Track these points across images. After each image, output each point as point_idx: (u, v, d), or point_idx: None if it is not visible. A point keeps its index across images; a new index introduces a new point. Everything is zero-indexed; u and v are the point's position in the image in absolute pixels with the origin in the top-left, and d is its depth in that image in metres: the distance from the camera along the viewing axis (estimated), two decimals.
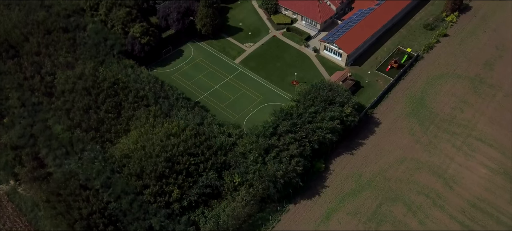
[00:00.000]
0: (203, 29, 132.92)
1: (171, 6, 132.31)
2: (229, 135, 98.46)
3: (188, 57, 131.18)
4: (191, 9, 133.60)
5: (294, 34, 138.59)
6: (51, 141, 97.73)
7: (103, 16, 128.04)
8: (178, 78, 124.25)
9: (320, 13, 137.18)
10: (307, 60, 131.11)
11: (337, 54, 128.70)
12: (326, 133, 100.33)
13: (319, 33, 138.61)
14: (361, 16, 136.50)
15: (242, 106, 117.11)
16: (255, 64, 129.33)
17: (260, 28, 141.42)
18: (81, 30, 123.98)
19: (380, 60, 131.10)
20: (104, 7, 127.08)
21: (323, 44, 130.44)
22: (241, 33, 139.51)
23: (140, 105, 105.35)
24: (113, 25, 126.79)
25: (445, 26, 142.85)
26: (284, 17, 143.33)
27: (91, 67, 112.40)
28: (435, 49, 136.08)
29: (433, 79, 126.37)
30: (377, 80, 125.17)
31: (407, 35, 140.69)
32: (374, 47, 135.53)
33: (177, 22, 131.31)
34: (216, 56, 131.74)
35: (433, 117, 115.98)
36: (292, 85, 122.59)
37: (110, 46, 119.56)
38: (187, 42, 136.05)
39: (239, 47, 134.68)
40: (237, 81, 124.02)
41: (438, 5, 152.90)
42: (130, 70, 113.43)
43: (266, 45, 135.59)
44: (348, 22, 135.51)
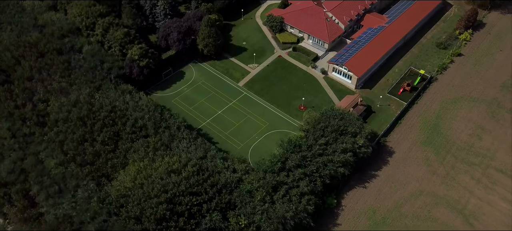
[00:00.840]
0: (205, 49, 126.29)
1: (172, 25, 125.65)
2: (234, 170, 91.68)
3: (189, 79, 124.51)
4: (192, 29, 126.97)
5: (300, 54, 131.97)
6: (43, 177, 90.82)
7: (99, 36, 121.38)
8: (179, 102, 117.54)
9: (328, 32, 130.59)
10: (314, 82, 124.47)
11: (347, 76, 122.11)
12: (338, 166, 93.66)
13: (326, 53, 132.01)
14: (371, 35, 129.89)
15: (247, 134, 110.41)
16: (260, 87, 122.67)
17: (265, 48, 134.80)
18: (76, 52, 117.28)
19: (391, 82, 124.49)
20: (101, 27, 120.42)
21: (332, 66, 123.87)
22: (245, 53, 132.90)
23: (138, 136, 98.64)
24: (111, 46, 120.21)
25: (459, 45, 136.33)
26: (290, 35, 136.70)
27: (86, 93, 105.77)
28: (449, 70, 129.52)
29: (448, 103, 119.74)
30: (389, 104, 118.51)
31: (419, 54, 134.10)
32: (385, 67, 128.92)
33: (177, 43, 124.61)
34: (219, 78, 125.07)
35: (449, 145, 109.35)
36: (299, 110, 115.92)
37: (107, 70, 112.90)
38: (189, 62, 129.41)
39: (243, 69, 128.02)
40: (241, 106, 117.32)
41: (451, 21, 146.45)
42: (128, 97, 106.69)
43: (271, 66, 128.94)
44: (357, 41, 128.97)
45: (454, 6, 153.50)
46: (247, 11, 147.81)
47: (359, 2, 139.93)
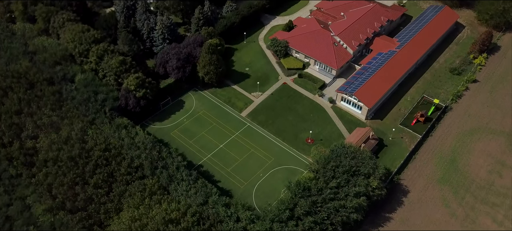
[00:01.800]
0: (206, 77, 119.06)
1: (170, 52, 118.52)
2: (238, 219, 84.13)
3: (189, 109, 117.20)
4: (192, 55, 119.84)
5: (306, 80, 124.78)
6: (29, 226, 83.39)
7: (93, 64, 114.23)
8: (178, 135, 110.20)
9: (336, 58, 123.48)
10: (322, 112, 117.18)
11: (356, 106, 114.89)
12: (351, 212, 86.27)
13: (334, 79, 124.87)
14: (382, 61, 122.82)
15: (250, 170, 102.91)
16: (264, 118, 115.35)
17: (269, 74, 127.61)
18: (68, 82, 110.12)
19: (404, 112, 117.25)
20: (95, 55, 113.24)
21: (340, 95, 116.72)
22: (248, 80, 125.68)
23: (134, 177, 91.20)
24: (105, 74, 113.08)
25: (473, 70, 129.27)
26: (295, 60, 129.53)
27: (79, 128, 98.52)
28: (464, 98, 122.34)
29: (465, 135, 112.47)
30: (402, 136, 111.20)
31: (432, 80, 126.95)
32: (396, 95, 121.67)
33: (177, 71, 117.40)
34: (220, 108, 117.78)
35: (468, 183, 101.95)
36: (306, 144, 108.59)
37: (101, 101, 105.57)
38: (189, 90, 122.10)
39: (246, 97, 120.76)
40: (244, 139, 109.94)
41: (464, 44, 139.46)
42: (124, 132, 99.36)
43: (276, 95, 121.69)
44: (367, 68, 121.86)
45: (466, 28, 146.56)
46: (249, 33, 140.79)
47: (368, 25, 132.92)
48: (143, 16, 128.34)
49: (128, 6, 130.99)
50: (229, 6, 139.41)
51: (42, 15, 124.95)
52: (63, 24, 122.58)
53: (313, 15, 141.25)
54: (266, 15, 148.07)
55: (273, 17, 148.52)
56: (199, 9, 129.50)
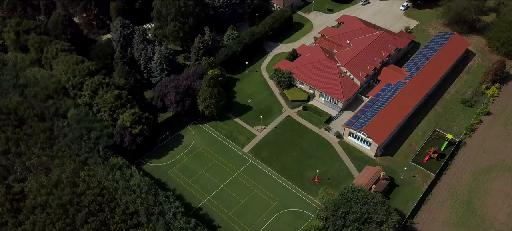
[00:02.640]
0: (207, 110, 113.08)
1: (169, 84, 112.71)
2: None
3: (188, 144, 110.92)
4: (192, 88, 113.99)
5: (311, 113, 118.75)
6: None
7: (87, 98, 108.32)
8: (176, 174, 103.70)
9: (343, 89, 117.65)
10: (329, 148, 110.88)
11: (365, 142, 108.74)
12: None
13: (341, 112, 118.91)
14: (391, 93, 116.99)
15: (253, 214, 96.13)
16: (268, 154, 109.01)
17: (272, 106, 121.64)
18: (60, 117, 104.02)
19: (415, 147, 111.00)
20: (89, 88, 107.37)
21: (348, 130, 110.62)
22: (251, 112, 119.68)
23: (129, 225, 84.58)
24: (100, 109, 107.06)
25: (486, 102, 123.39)
26: (300, 92, 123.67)
27: (70, 170, 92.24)
28: (477, 131, 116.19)
29: (481, 174, 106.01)
30: (414, 175, 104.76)
31: (443, 113, 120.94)
32: (406, 129, 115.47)
33: (175, 104, 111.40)
34: (221, 143, 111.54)
35: (486, 228, 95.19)
36: (313, 183, 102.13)
37: (95, 139, 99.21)
38: (188, 124, 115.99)
39: (249, 131, 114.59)
40: (247, 178, 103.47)
41: (475, 73, 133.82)
42: (118, 174, 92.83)
43: (279, 128, 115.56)
44: (375, 100, 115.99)
45: (477, 55, 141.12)
46: (251, 62, 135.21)
47: (376, 54, 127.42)
48: (140, 45, 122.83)
49: (125, 35, 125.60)
50: (230, 34, 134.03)
51: (35, 45, 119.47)
52: (56, 55, 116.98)
53: (318, 43, 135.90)
54: (268, 42, 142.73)
55: (276, 44, 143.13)
56: (199, 38, 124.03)
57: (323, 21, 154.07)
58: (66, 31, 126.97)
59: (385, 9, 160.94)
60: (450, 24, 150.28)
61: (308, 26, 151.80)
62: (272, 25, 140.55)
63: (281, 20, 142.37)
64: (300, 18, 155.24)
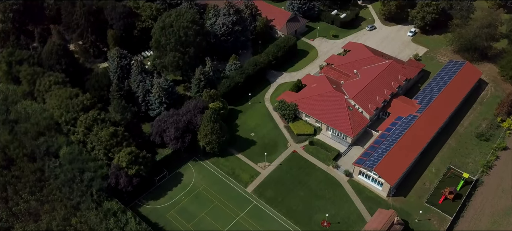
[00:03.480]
0: (208, 146, 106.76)
1: (168, 120, 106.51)
2: None
3: (188, 184, 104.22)
4: (192, 123, 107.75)
5: (319, 148, 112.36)
6: None
7: (81, 135, 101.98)
8: (175, 217, 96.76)
9: (351, 124, 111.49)
10: (338, 187, 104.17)
11: (377, 182, 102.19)
12: None
13: (350, 148, 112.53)
14: (402, 127, 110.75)
15: None
16: (273, 194, 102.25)
17: (277, 140, 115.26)
18: (52, 157, 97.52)
19: (429, 187, 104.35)
20: (83, 125, 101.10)
21: (358, 168, 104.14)
22: (254, 148, 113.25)
23: None
24: (94, 147, 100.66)
25: (503, 136, 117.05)
26: (305, 125, 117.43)
27: (61, 217, 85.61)
28: (495, 169, 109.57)
29: (501, 217, 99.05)
30: (429, 218, 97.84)
31: (457, 148, 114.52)
32: (419, 166, 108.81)
33: (175, 141, 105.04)
34: (223, 182, 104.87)
35: None
36: (322, 228, 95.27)
37: (88, 181, 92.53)
38: (188, 160, 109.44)
39: (252, 168, 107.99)
40: (251, 221, 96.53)
41: (489, 104, 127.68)
42: (112, 221, 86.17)
43: (285, 165, 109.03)
44: (386, 135, 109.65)
45: (490, 85, 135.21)
46: (254, 93, 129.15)
47: (385, 85, 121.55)
48: (138, 77, 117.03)
49: (122, 66, 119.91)
50: (232, 64, 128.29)
51: (27, 77, 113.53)
52: (49, 88, 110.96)
53: (324, 73, 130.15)
54: (272, 71, 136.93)
55: (280, 73, 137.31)
56: (200, 70, 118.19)
57: (328, 48, 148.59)
58: (61, 61, 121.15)
59: (392, 35, 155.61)
60: (460, 51, 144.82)
61: (313, 54, 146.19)
62: (276, 54, 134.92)
63: (285, 48, 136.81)
64: (304, 45, 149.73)
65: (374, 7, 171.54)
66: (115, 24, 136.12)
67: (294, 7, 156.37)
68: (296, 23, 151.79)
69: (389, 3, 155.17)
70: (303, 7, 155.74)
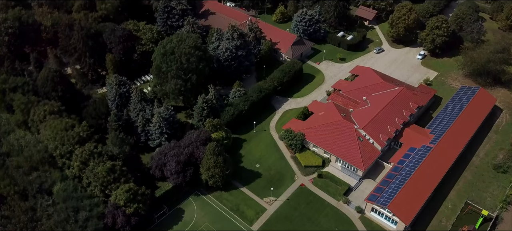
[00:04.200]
0: (211, 180, 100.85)
1: (169, 153, 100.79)
2: None
3: (189, 221, 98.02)
4: (194, 156, 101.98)
5: (328, 182, 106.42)
6: None
7: (76, 170, 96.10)
8: None
9: (362, 156, 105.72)
10: (349, 225, 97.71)
11: (391, 220, 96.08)
12: None
13: (361, 181, 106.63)
14: (416, 160, 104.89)
15: None
16: None
17: (283, 172, 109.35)
18: (45, 194, 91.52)
19: (446, 224, 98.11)
20: (78, 159, 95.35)
21: (370, 205, 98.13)
22: (259, 180, 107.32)
23: None
24: (90, 183, 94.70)
25: None
26: (313, 156, 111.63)
27: None
28: None
29: None
30: None
31: (474, 181, 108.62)
32: (434, 201, 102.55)
33: (176, 175, 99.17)
34: (227, 218, 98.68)
35: None
36: None
37: (83, 221, 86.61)
38: (189, 195, 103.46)
39: (258, 204, 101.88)
40: None
41: (504, 133, 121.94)
42: None
43: (292, 200, 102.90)
44: (399, 169, 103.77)
45: (504, 111, 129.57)
46: (259, 120, 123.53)
47: (396, 113, 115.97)
48: (138, 105, 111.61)
49: (121, 94, 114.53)
50: (236, 90, 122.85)
51: (21, 106, 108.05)
52: (44, 117, 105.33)
53: (331, 99, 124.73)
54: (277, 97, 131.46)
55: (285, 99, 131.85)
56: (202, 98, 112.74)
57: (335, 72, 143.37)
58: (57, 88, 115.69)
59: (401, 58, 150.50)
60: (472, 76, 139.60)
61: (319, 78, 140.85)
62: (281, 79, 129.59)
63: (290, 73, 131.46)
64: (310, 69, 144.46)
65: (381, 28, 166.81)
66: (114, 48, 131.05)
67: (300, 29, 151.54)
68: (302, 46, 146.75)
69: (398, 25, 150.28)
70: (308, 29, 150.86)
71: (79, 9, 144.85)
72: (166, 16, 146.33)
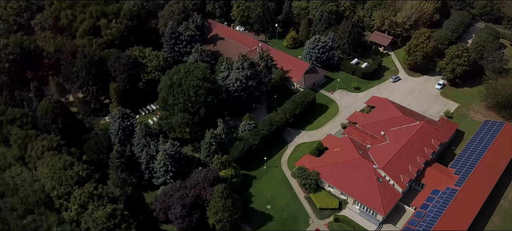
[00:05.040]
0: (218, 225, 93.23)
1: (174, 194, 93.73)
2: None
3: None
4: (201, 198, 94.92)
5: (345, 226, 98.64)
6: None
7: (74, 213, 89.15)
8: None
9: (383, 200, 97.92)
10: None
11: None
12: None
13: (380, 226, 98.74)
14: (441, 205, 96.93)
15: None
16: None
17: (297, 215, 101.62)
18: None
19: None
20: (76, 203, 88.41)
21: None
22: (271, 224, 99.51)
23: None
24: (88, 228, 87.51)
25: None
26: (329, 197, 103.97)
27: None
28: None
29: None
30: None
31: (503, 226, 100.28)
32: None
33: (181, 220, 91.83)
34: None
35: None
36: None
37: None
38: None
39: None
40: None
41: None
42: None
43: None
44: (422, 215, 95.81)
45: None
46: (270, 154, 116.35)
47: (418, 151, 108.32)
48: (142, 140, 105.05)
49: (124, 128, 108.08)
50: (246, 124, 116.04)
51: (18, 141, 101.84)
52: (42, 154, 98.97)
53: (347, 134, 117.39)
54: (289, 129, 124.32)
55: (297, 132, 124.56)
56: (211, 133, 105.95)
57: (350, 102, 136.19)
58: (57, 120, 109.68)
59: (419, 88, 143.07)
60: (495, 108, 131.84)
61: (333, 109, 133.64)
62: (293, 111, 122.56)
63: (303, 105, 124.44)
64: (323, 99, 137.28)
65: (396, 54, 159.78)
66: (119, 77, 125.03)
67: (312, 57, 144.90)
68: (315, 74, 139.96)
69: (415, 53, 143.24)
70: (321, 56, 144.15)
71: (83, 35, 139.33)
72: (173, 42, 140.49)
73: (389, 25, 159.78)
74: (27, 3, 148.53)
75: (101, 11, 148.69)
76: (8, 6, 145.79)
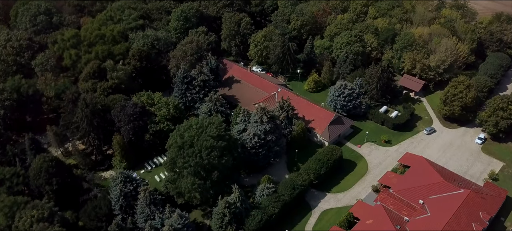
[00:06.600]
0: None
1: None
2: None
3: None
4: None
5: None
6: None
7: None
8: None
9: None
10: None
11: None
12: None
13: None
14: None
15: None
16: None
17: None
18: None
19: None
20: None
21: None
22: None
23: None
24: None
25: None
26: None
27: None
28: None
29: None
30: None
31: None
32: None
33: None
34: None
35: None
36: None
37: None
38: None
39: None
40: None
41: None
42: None
43: None
44: None
45: None
46: (292, 223, 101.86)
47: (464, 226, 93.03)
48: (146, 210, 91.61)
49: (126, 193, 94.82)
50: (265, 188, 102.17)
51: (4, 209, 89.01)
52: (30, 226, 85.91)
53: (380, 201, 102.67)
54: (312, 190, 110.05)
55: (323, 194, 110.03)
56: (224, 202, 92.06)
57: (380, 158, 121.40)
58: (51, 181, 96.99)
59: (457, 142, 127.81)
60: None
61: (362, 166, 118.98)
62: (318, 171, 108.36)
63: (329, 163, 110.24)
64: (350, 153, 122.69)
65: (429, 101, 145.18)
66: (123, 128, 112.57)
67: (337, 105, 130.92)
68: (340, 125, 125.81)
69: (452, 103, 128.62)
70: (348, 105, 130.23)
71: (87, 78, 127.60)
72: (185, 87, 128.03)
73: (421, 68, 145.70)
74: (29, 42, 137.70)
75: (107, 51, 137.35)
76: (8, 44, 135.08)
